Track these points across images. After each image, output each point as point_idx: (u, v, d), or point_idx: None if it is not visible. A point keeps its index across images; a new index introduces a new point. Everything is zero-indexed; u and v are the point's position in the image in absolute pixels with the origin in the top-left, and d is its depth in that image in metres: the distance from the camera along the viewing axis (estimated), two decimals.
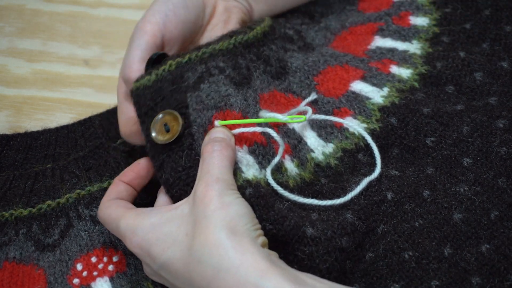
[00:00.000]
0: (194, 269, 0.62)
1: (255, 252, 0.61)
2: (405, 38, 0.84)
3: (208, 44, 0.77)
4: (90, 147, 0.84)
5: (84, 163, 0.81)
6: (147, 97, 0.74)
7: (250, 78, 0.77)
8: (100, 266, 0.75)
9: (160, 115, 0.72)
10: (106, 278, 0.74)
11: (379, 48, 0.83)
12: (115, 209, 0.70)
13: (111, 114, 0.89)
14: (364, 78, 0.81)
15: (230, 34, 0.78)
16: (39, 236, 0.76)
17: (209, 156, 0.68)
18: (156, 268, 0.66)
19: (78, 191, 0.78)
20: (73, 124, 0.88)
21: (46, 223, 0.77)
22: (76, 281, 0.74)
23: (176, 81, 0.74)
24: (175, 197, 0.71)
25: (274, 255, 0.65)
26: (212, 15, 0.81)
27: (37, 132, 0.87)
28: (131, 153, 0.84)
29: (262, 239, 0.64)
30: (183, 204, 0.66)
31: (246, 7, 0.85)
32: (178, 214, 0.66)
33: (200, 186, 0.65)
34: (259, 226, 0.65)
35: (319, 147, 0.77)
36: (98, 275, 0.74)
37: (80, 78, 0.96)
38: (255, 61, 0.78)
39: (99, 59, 0.97)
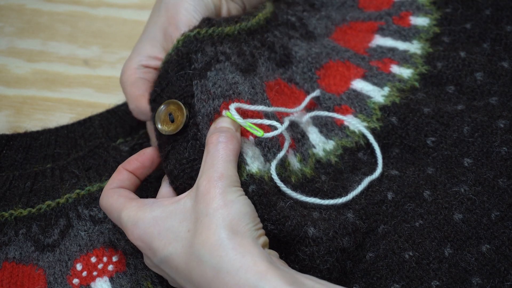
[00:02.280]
0: (194, 268, 0.62)
1: (255, 254, 0.61)
2: (405, 38, 0.84)
3: (218, 23, 0.76)
4: (89, 147, 0.84)
5: (84, 163, 0.81)
6: (156, 82, 0.74)
7: (255, 65, 0.77)
8: (100, 266, 0.74)
9: (163, 106, 0.72)
10: (106, 278, 0.74)
11: (379, 47, 0.83)
12: (117, 199, 0.69)
13: (111, 114, 0.89)
14: (365, 77, 0.81)
15: (235, 20, 0.78)
16: (39, 236, 0.76)
17: (213, 148, 0.67)
18: (157, 261, 0.66)
19: (77, 191, 0.78)
20: (72, 124, 0.88)
21: (46, 223, 0.77)
22: (75, 281, 0.74)
23: (181, 63, 0.74)
24: (179, 189, 0.70)
25: (274, 255, 0.65)
26: (219, 14, 0.82)
27: (37, 132, 0.87)
28: (131, 153, 0.83)
29: (263, 239, 0.64)
30: (186, 198, 0.66)
31: (241, 7, 0.85)
32: (181, 209, 0.65)
33: (203, 181, 0.65)
34: (260, 225, 0.65)
35: (320, 143, 0.77)
36: (98, 275, 0.74)
37: (80, 78, 0.96)
38: (259, 48, 0.78)
39: (99, 59, 0.97)
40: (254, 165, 0.71)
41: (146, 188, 0.78)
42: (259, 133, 0.69)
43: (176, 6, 0.77)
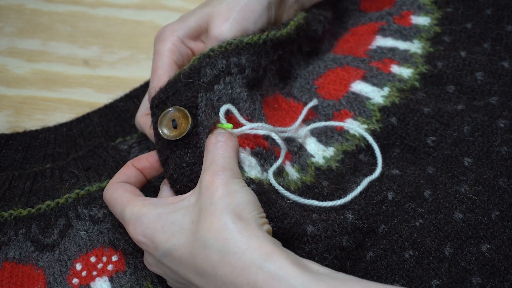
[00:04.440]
0: (199, 254, 0.62)
1: (261, 237, 0.61)
2: (406, 37, 0.84)
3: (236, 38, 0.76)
4: (89, 146, 0.84)
5: (83, 162, 0.81)
6: (162, 90, 0.74)
7: (262, 81, 0.77)
8: (99, 265, 0.74)
9: (171, 109, 0.72)
10: (106, 278, 0.74)
11: (380, 47, 0.83)
12: (122, 194, 0.70)
13: (110, 111, 0.89)
14: (364, 78, 0.81)
15: (263, 29, 0.78)
16: (39, 236, 0.76)
17: (213, 147, 0.68)
18: (159, 256, 0.66)
19: (77, 191, 0.78)
20: (71, 122, 0.88)
21: (45, 223, 0.77)
22: (75, 281, 0.74)
23: (192, 76, 0.73)
24: (179, 193, 0.71)
25: (278, 243, 0.65)
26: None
27: (36, 131, 0.87)
28: (130, 151, 0.83)
29: (267, 226, 0.65)
30: (190, 195, 0.67)
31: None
32: (185, 204, 0.66)
33: (206, 175, 0.66)
34: (264, 214, 0.65)
35: (319, 152, 0.77)
36: (98, 275, 0.74)
37: (80, 78, 0.96)
38: (274, 62, 0.78)
39: (98, 59, 0.97)
40: (252, 172, 0.71)
41: (145, 187, 0.77)
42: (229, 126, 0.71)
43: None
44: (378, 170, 0.75)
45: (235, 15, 0.76)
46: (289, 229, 0.68)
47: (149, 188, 0.76)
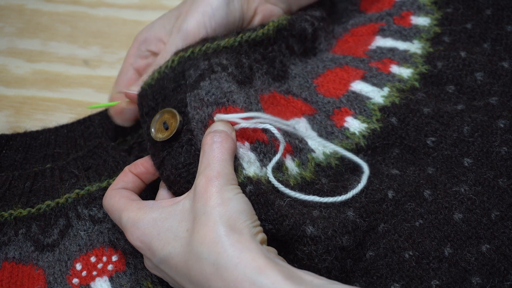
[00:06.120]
0: (193, 265, 0.62)
1: (253, 250, 0.61)
2: (406, 38, 0.84)
3: (213, 39, 0.77)
4: (89, 146, 0.84)
5: (83, 163, 0.81)
6: (149, 97, 0.74)
7: (251, 78, 0.77)
8: (100, 265, 0.74)
9: (158, 115, 0.73)
10: (106, 278, 0.74)
11: (379, 48, 0.83)
12: (118, 200, 0.70)
13: None
14: (364, 78, 0.81)
15: (238, 32, 0.79)
16: (39, 236, 0.76)
17: (209, 148, 0.68)
18: (156, 262, 0.66)
19: (77, 191, 0.78)
20: (72, 124, 0.88)
21: (45, 223, 0.77)
22: (75, 281, 0.74)
23: (177, 79, 0.74)
24: (177, 194, 0.71)
25: (272, 251, 0.65)
26: (251, 21, 0.83)
27: (37, 131, 0.87)
28: (130, 152, 0.83)
29: (261, 235, 0.64)
30: (185, 199, 0.67)
31: (284, 10, 0.85)
32: (180, 209, 0.66)
33: (200, 181, 0.66)
34: (258, 222, 0.65)
35: (319, 147, 0.77)
36: (98, 275, 0.74)
37: (80, 78, 0.96)
38: (259, 61, 0.79)
39: (98, 59, 0.97)
40: (251, 169, 0.71)
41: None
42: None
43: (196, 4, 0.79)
44: (365, 166, 0.72)
45: (194, 7, 0.79)
46: (289, 231, 0.68)
47: (148, 188, 0.77)
